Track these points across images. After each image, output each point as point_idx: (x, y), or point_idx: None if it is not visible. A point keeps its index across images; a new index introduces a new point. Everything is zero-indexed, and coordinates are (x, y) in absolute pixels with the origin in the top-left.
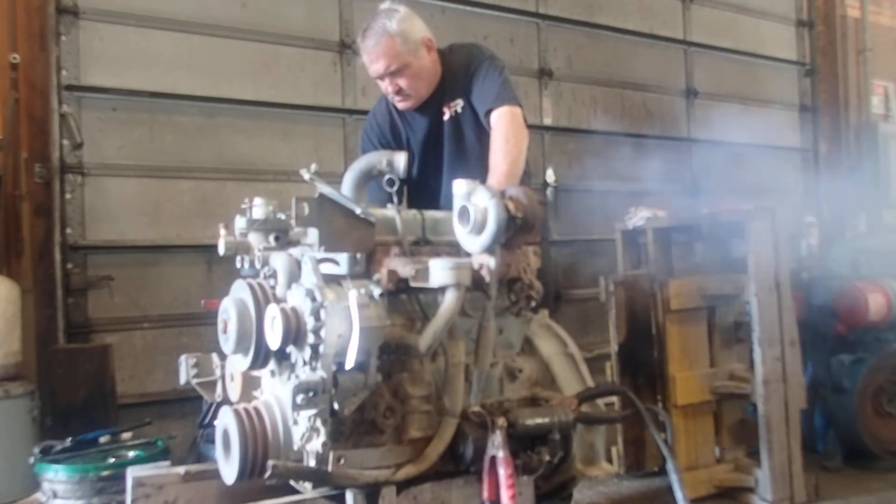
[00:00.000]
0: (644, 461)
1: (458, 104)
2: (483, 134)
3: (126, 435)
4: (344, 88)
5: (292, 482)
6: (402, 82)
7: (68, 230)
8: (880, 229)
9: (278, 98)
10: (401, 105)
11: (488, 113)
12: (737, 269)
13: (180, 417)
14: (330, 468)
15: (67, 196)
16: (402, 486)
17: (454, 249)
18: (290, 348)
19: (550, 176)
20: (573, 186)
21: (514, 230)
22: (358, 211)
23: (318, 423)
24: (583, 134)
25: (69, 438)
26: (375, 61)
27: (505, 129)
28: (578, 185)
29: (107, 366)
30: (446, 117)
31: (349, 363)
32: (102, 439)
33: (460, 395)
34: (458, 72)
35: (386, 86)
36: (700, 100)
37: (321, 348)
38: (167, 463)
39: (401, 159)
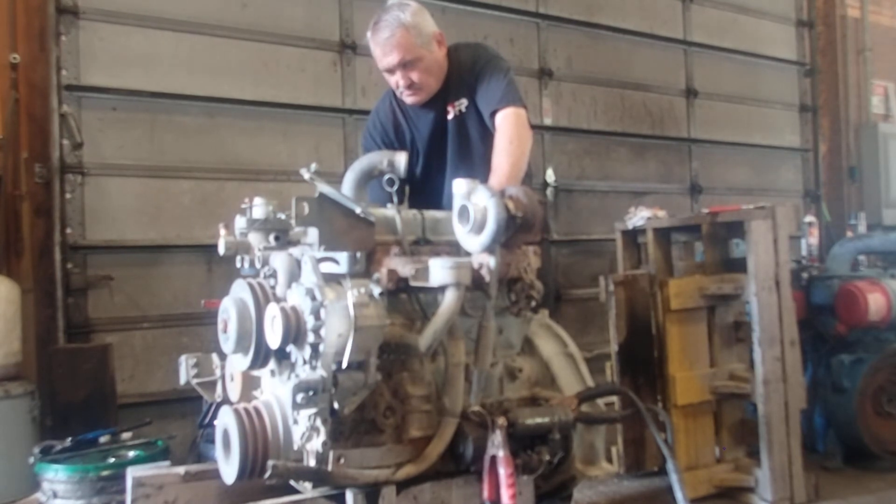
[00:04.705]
0: (644, 461)
1: (463, 103)
2: (487, 134)
3: (126, 435)
4: (344, 88)
5: (292, 482)
6: (415, 75)
7: (68, 230)
8: (880, 229)
9: (278, 98)
10: (410, 99)
11: (493, 114)
12: (737, 269)
13: (180, 417)
14: (330, 468)
15: (67, 196)
16: (402, 485)
17: (454, 249)
18: (290, 347)
19: (550, 176)
20: (573, 186)
21: (514, 230)
22: (358, 210)
23: (318, 422)
24: (583, 134)
25: (69, 438)
26: (389, 53)
27: (509, 130)
28: (578, 185)
29: (107, 366)
30: (450, 116)
31: (344, 362)
32: (102, 439)
33: (460, 394)
34: (463, 71)
35: (397, 79)
36: (700, 100)
37: (321, 347)
38: (167, 463)
39: (402, 159)
